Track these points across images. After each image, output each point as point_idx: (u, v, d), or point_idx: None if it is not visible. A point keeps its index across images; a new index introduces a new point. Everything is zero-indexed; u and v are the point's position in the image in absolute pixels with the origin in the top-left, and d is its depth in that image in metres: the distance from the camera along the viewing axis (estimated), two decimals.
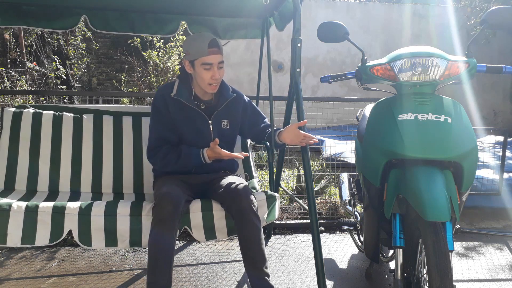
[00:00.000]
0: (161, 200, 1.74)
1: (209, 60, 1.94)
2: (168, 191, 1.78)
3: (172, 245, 1.74)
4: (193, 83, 2.09)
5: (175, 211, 1.73)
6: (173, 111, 2.03)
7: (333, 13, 8.40)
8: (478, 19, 6.92)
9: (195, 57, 1.96)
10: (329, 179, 3.86)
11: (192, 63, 1.99)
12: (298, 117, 1.99)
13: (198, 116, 2.05)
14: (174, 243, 1.76)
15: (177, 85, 2.06)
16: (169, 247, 1.73)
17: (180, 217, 1.78)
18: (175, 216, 1.73)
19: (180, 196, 1.79)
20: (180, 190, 1.84)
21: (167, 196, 1.75)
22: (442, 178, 1.53)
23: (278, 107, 3.55)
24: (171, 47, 4.91)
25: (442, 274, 1.40)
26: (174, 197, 1.75)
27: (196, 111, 2.05)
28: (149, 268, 1.73)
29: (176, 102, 2.03)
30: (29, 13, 2.51)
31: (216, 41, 1.97)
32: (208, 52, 1.92)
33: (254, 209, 1.83)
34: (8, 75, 4.89)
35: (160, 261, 1.71)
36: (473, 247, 2.88)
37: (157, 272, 1.71)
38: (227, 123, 2.12)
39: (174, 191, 1.79)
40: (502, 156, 3.47)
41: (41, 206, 1.80)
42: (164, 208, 1.72)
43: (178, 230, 1.78)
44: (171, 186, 1.84)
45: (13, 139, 2.34)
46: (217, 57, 1.95)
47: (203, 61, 1.94)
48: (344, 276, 2.39)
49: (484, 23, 1.71)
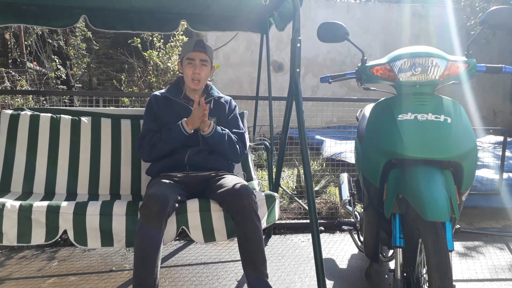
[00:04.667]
0: (148, 200, 1.75)
1: (192, 56, 2.15)
2: (155, 192, 1.78)
3: (158, 244, 1.73)
4: (185, 85, 2.26)
5: (162, 212, 1.73)
6: (163, 108, 2.19)
7: (333, 13, 8.40)
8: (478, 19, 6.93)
9: (183, 55, 2.20)
10: (329, 179, 3.86)
11: (181, 62, 2.22)
12: (298, 117, 1.99)
13: (186, 111, 2.15)
14: (160, 242, 1.75)
15: (168, 86, 2.30)
16: (156, 245, 1.72)
17: (167, 217, 1.77)
18: (162, 217, 1.73)
19: (166, 197, 1.78)
20: (168, 191, 1.83)
21: (153, 196, 1.75)
22: (441, 178, 1.53)
23: (278, 107, 3.56)
24: (171, 47, 4.91)
25: (441, 274, 1.40)
26: (160, 198, 1.75)
27: (184, 106, 2.19)
28: (135, 266, 1.70)
29: (165, 98, 2.22)
30: (28, 12, 2.51)
31: (202, 42, 2.19)
32: (193, 49, 2.16)
33: (255, 209, 1.83)
34: (8, 75, 4.89)
35: (146, 259, 1.69)
36: (472, 247, 2.88)
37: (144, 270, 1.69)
38: (214, 120, 2.20)
39: (161, 192, 1.79)
40: (502, 156, 3.47)
41: (35, 205, 1.79)
42: (150, 208, 1.72)
43: (164, 230, 1.77)
44: (159, 187, 1.84)
45: (10, 141, 2.32)
46: (200, 54, 2.16)
47: (187, 56, 2.17)
48: (344, 276, 2.39)
49: (484, 23, 1.71)
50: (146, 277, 1.68)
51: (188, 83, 2.19)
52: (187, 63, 2.15)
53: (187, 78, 2.18)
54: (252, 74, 8.17)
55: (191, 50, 2.15)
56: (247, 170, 2.51)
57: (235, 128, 2.27)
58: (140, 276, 1.69)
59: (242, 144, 2.26)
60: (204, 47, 2.18)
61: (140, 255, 1.70)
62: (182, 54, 2.22)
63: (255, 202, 1.85)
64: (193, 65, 2.15)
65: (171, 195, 1.82)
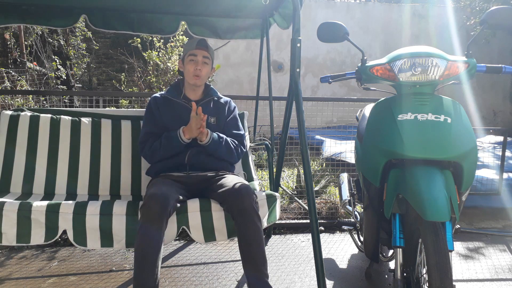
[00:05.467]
0: (149, 200, 1.74)
1: (194, 52, 2.17)
2: (155, 191, 1.78)
3: (159, 244, 1.73)
4: (184, 85, 2.27)
5: (163, 211, 1.73)
6: (162, 109, 2.20)
7: (333, 13, 8.41)
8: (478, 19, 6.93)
9: (185, 53, 2.21)
10: (329, 179, 3.86)
11: (183, 60, 2.22)
12: (298, 117, 1.99)
13: (186, 111, 2.15)
14: (161, 242, 1.74)
15: (168, 87, 2.30)
16: (156, 245, 1.71)
17: (168, 217, 1.77)
18: (163, 216, 1.73)
19: (167, 197, 1.78)
20: (169, 191, 1.83)
21: (154, 196, 1.75)
22: (441, 178, 1.53)
23: (278, 107, 3.56)
24: (171, 47, 4.91)
25: (441, 274, 1.40)
26: (161, 198, 1.75)
27: (184, 106, 2.19)
28: (135, 267, 1.70)
29: (165, 99, 2.23)
30: (28, 12, 2.51)
31: (205, 41, 2.22)
32: (195, 47, 2.18)
33: (256, 209, 1.83)
34: (8, 75, 4.89)
35: (147, 259, 1.69)
36: (472, 247, 2.88)
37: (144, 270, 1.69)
38: (214, 119, 2.23)
39: (162, 192, 1.79)
40: (502, 156, 3.47)
41: (35, 205, 1.78)
42: (151, 208, 1.72)
43: (165, 230, 1.77)
44: (160, 187, 1.84)
45: (10, 142, 2.32)
46: (202, 52, 2.18)
47: (190, 53, 2.18)
48: (344, 276, 2.39)
49: (484, 23, 1.71)
50: (146, 277, 1.68)
51: (189, 79, 2.19)
52: (189, 59, 2.17)
53: (188, 75, 2.18)
54: (252, 74, 8.17)
55: (193, 48, 2.17)
56: (248, 171, 2.51)
57: (234, 129, 2.28)
58: (140, 276, 1.68)
59: (241, 145, 2.26)
60: (207, 46, 2.20)
61: (140, 254, 1.69)
62: (184, 52, 2.23)
63: (256, 202, 1.85)
64: (195, 61, 2.16)
65: (172, 194, 1.81)
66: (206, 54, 2.18)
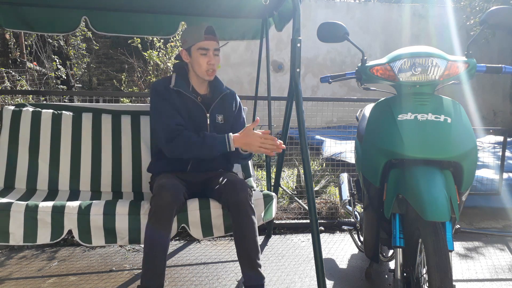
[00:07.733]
0: (160, 189, 1.75)
1: (205, 45, 1.98)
2: (166, 182, 1.80)
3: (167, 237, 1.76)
4: (190, 75, 2.11)
5: (174, 201, 1.74)
6: (173, 102, 2.02)
7: (333, 13, 8.41)
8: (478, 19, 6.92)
9: (192, 43, 2.00)
10: (329, 179, 3.86)
11: (188, 50, 2.03)
12: (298, 117, 1.99)
13: (197, 108, 2.07)
14: (169, 235, 1.78)
15: (174, 78, 2.08)
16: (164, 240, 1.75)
17: (178, 207, 1.79)
18: (173, 206, 1.74)
19: (179, 188, 1.81)
20: (179, 183, 1.87)
21: (166, 186, 1.77)
22: (441, 178, 1.53)
23: (278, 107, 3.56)
24: (172, 47, 4.92)
25: (441, 274, 1.40)
26: (173, 188, 1.77)
27: (196, 103, 2.07)
28: (144, 259, 1.75)
29: (177, 92, 2.03)
30: (31, 18, 2.55)
31: (212, 29, 2.02)
32: (204, 38, 1.98)
33: (251, 203, 1.85)
34: (8, 75, 4.89)
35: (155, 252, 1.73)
36: (472, 247, 2.88)
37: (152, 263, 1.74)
38: (221, 118, 2.14)
39: (173, 183, 1.82)
40: (502, 156, 3.47)
41: (41, 206, 1.81)
42: (163, 197, 1.73)
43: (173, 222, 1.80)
44: (171, 179, 1.87)
45: (13, 137, 2.34)
46: (213, 43, 2.00)
47: (199, 46, 1.98)
48: (344, 276, 2.39)
49: (484, 23, 1.71)
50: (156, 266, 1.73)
51: (202, 75, 2.04)
52: (200, 53, 1.99)
53: (201, 70, 2.02)
54: (252, 74, 8.17)
55: (202, 39, 1.98)
56: (246, 168, 2.53)
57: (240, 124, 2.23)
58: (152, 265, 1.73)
59: None
60: (215, 34, 2.03)
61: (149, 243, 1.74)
62: (189, 41, 2.02)
63: (250, 196, 1.86)
64: (207, 55, 1.99)
65: (181, 187, 1.85)
66: (216, 45, 2.02)
